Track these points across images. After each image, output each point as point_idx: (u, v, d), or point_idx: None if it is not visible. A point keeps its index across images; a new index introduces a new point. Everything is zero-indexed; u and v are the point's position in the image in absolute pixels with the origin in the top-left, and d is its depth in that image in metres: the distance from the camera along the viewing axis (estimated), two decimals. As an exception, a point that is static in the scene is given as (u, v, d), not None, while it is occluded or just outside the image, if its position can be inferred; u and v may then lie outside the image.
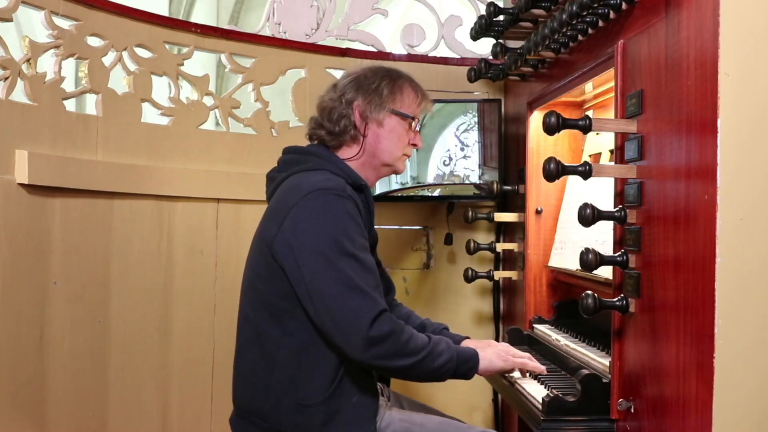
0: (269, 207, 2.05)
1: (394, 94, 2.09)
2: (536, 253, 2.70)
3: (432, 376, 1.96)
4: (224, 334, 2.88)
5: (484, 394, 3.29)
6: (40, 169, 2.32)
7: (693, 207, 1.54)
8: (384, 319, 1.86)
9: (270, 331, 1.97)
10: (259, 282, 1.99)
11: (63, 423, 2.43)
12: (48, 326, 2.38)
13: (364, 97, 2.08)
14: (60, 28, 2.50)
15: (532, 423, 1.98)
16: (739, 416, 1.46)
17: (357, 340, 1.83)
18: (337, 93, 2.11)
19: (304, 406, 1.93)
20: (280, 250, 1.91)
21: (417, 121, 2.14)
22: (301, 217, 1.90)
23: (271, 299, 1.96)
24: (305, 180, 1.98)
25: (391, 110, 2.08)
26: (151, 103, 2.78)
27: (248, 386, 2.02)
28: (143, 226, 2.71)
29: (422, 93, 2.16)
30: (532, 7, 2.30)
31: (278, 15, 3.13)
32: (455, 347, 2.00)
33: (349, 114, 2.07)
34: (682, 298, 1.58)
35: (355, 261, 1.87)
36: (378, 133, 2.09)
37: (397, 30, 3.44)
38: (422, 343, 1.92)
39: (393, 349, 1.86)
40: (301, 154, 2.11)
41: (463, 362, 1.98)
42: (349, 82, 2.12)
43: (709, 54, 1.48)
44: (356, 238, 1.90)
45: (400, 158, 2.14)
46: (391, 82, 2.11)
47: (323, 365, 1.93)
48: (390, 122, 2.09)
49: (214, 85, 10.37)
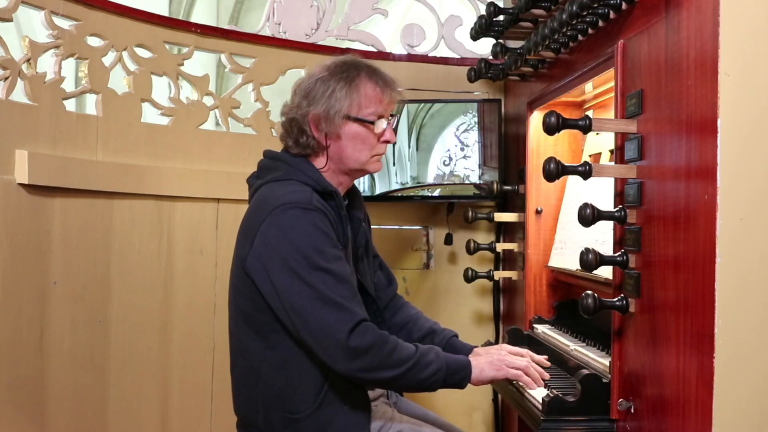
0: (243, 220, 2.01)
1: (350, 98, 1.96)
2: (536, 253, 2.70)
3: (420, 386, 1.92)
4: (224, 334, 2.82)
5: (484, 394, 3.28)
6: (40, 169, 2.32)
7: (693, 207, 1.54)
8: (362, 329, 1.83)
9: (252, 345, 1.95)
10: (239, 296, 1.98)
11: (63, 423, 2.43)
12: (48, 326, 2.38)
13: (319, 109, 1.95)
14: (60, 28, 2.49)
15: (532, 423, 1.98)
16: (739, 416, 1.46)
17: (338, 354, 1.81)
18: (295, 102, 2.01)
19: (292, 420, 1.91)
20: (253, 268, 1.90)
21: (383, 118, 2.00)
22: (270, 234, 1.87)
23: (251, 313, 1.95)
24: (272, 194, 1.93)
25: (346, 117, 1.96)
26: (151, 103, 2.78)
27: (243, 398, 2.02)
28: (143, 226, 2.71)
29: (385, 83, 2.00)
30: (532, 7, 2.30)
31: (278, 15, 3.13)
32: (445, 357, 1.94)
33: (306, 128, 1.98)
34: (682, 298, 1.58)
35: (327, 274, 1.84)
36: (339, 144, 1.98)
37: (397, 30, 3.44)
38: (407, 354, 1.87)
39: (376, 362, 1.83)
40: (274, 160, 2.05)
41: (453, 372, 1.93)
42: (303, 91, 2.00)
43: (709, 54, 1.48)
44: (326, 250, 1.86)
45: (370, 161, 2.02)
46: (346, 83, 1.96)
47: (307, 377, 1.91)
48: (349, 130, 1.97)
49: (214, 85, 10.37)
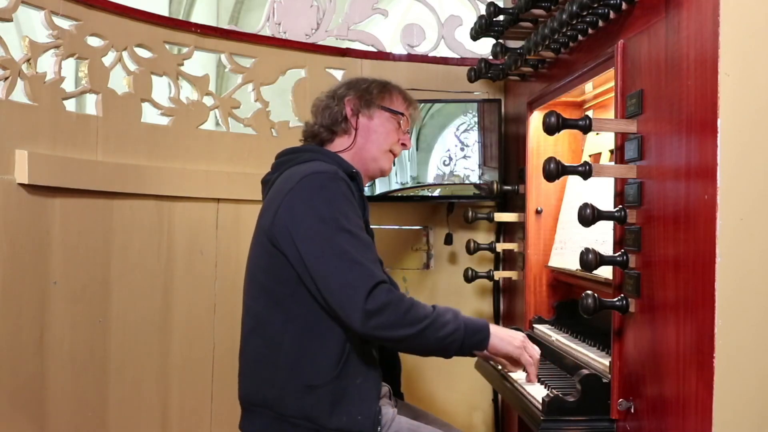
0: (266, 200, 2.10)
1: (383, 94, 2.22)
2: (536, 253, 2.70)
3: (438, 347, 1.92)
4: (224, 334, 2.88)
5: (484, 394, 3.29)
6: (40, 169, 2.32)
7: (693, 207, 1.54)
8: (381, 290, 1.87)
9: (273, 317, 2.00)
10: (259, 273, 2.03)
11: (63, 423, 2.43)
12: (48, 326, 2.38)
13: (356, 93, 2.20)
14: (60, 28, 2.49)
15: (532, 423, 1.97)
16: (739, 416, 1.46)
17: (356, 312, 1.85)
18: (331, 93, 2.24)
19: (311, 387, 1.94)
20: (278, 233, 1.96)
21: (406, 120, 2.23)
22: (297, 199, 1.95)
23: (272, 286, 1.99)
24: (298, 170, 2.04)
25: (380, 106, 2.20)
26: (151, 103, 2.78)
27: (254, 376, 2.04)
28: (143, 226, 2.71)
29: (410, 100, 2.27)
30: (532, 7, 2.29)
31: (278, 15, 3.13)
32: (464, 318, 1.95)
33: (341, 108, 2.19)
34: (682, 298, 1.58)
35: (351, 236, 1.91)
36: (368, 126, 2.19)
37: (397, 30, 3.44)
38: (425, 312, 1.90)
39: (392, 319, 1.86)
40: (293, 153, 2.19)
41: (471, 334, 1.93)
42: (342, 83, 2.27)
43: (709, 54, 1.48)
44: (352, 217, 1.95)
45: (386, 154, 2.21)
46: (380, 85, 2.24)
47: (328, 346, 1.96)
48: (380, 117, 2.20)
49: (214, 85, 10.38)
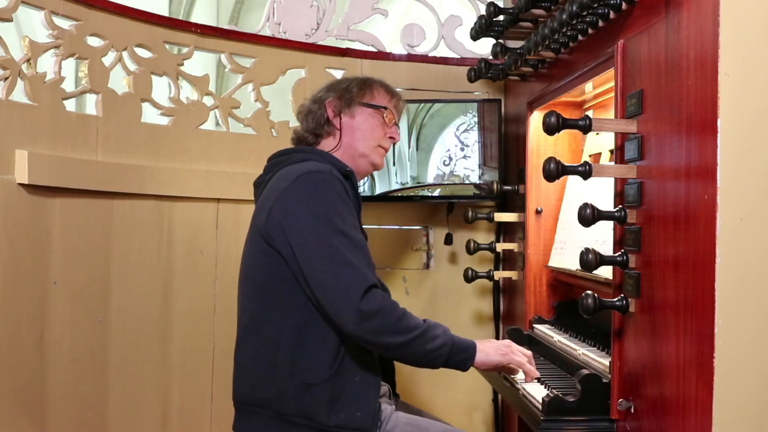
0: (260, 200, 2.10)
1: (363, 91, 2.22)
2: (536, 253, 2.70)
3: (425, 359, 1.94)
4: (224, 334, 2.88)
5: (484, 394, 3.29)
6: (40, 169, 2.32)
7: (693, 207, 1.54)
8: (374, 294, 1.88)
9: (269, 316, 2.00)
10: (255, 272, 2.04)
11: (63, 423, 2.43)
12: (48, 326, 2.38)
13: (336, 94, 2.22)
14: (60, 28, 2.49)
15: (532, 423, 1.98)
16: (739, 416, 1.46)
17: (349, 314, 1.86)
18: (313, 97, 2.27)
19: (310, 385, 1.95)
20: (272, 231, 1.96)
21: (390, 113, 2.22)
22: (291, 198, 1.96)
23: (268, 285, 2.00)
24: (293, 169, 2.04)
25: (361, 103, 2.20)
26: (151, 103, 2.78)
27: (251, 376, 2.04)
28: (143, 226, 2.71)
29: (394, 92, 2.28)
30: (532, 7, 2.29)
31: (278, 15, 3.13)
32: (452, 335, 1.98)
33: (323, 111, 2.21)
34: (682, 298, 1.58)
35: (345, 237, 1.92)
36: (351, 124, 2.20)
37: (397, 30, 3.44)
38: (415, 323, 1.92)
39: (384, 325, 1.87)
40: (286, 154, 2.19)
41: (457, 351, 1.96)
42: (324, 87, 2.29)
43: (709, 54, 1.48)
44: (346, 217, 1.96)
45: (376, 149, 2.21)
46: (360, 82, 2.25)
47: (325, 344, 1.96)
48: (362, 114, 2.20)
49: (214, 85, 10.37)
